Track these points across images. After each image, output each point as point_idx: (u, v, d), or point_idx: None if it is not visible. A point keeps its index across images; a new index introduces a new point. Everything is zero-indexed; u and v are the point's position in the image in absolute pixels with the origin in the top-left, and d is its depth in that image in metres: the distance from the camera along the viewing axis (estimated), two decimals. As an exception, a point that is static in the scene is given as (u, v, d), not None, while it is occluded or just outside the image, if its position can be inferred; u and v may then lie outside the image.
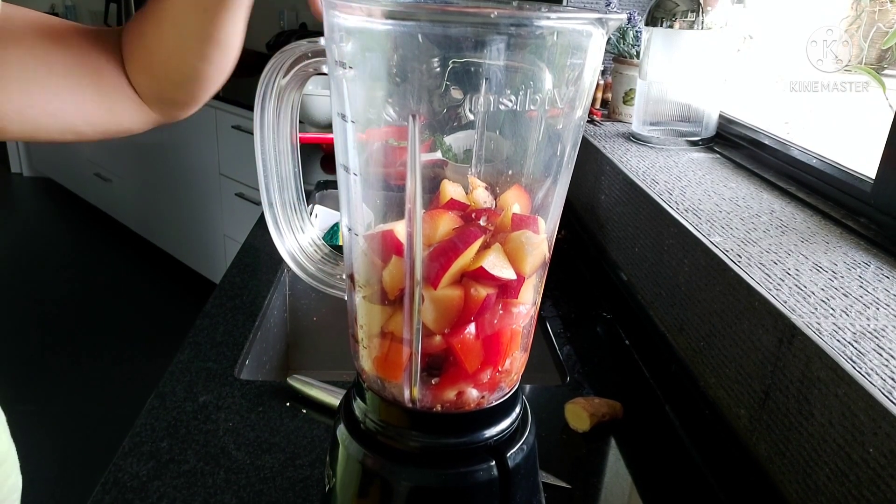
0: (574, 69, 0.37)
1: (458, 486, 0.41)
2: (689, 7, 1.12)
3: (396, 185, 0.39)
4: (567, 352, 0.91)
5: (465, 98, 0.37)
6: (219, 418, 0.73)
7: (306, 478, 0.65)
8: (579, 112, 0.39)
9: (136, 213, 3.38)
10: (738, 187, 0.95)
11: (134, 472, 0.65)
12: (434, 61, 0.37)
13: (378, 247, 0.41)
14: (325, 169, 1.66)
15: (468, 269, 0.38)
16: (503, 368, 0.42)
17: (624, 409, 0.77)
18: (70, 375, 2.35)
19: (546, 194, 0.42)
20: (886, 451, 0.46)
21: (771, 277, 0.65)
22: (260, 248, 1.18)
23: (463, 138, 0.42)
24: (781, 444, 0.58)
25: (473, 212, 0.41)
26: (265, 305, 0.99)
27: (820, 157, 0.92)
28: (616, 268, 1.04)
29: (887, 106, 0.89)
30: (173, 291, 3.01)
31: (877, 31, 1.01)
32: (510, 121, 0.39)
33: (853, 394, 0.49)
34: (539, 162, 0.41)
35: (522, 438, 0.44)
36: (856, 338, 0.55)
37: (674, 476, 0.70)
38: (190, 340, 0.88)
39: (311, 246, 0.47)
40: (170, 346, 1.01)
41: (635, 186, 0.96)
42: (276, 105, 0.42)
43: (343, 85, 0.38)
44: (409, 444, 0.42)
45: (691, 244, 0.77)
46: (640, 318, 0.92)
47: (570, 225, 1.28)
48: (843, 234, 0.77)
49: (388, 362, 0.41)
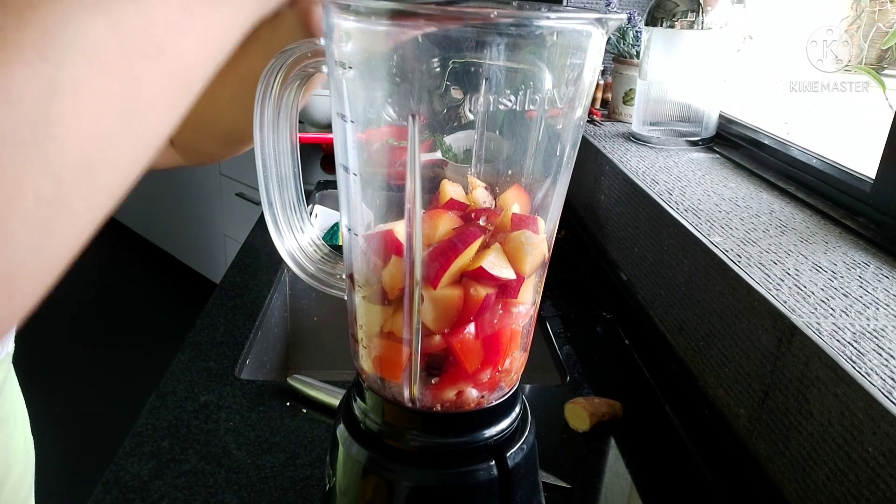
0: (574, 69, 0.37)
1: (457, 486, 0.42)
2: (689, 7, 1.12)
3: (396, 185, 0.39)
4: (567, 352, 0.91)
5: (465, 98, 0.37)
6: (219, 418, 0.73)
7: (307, 477, 0.65)
8: (579, 112, 0.39)
9: (137, 212, 3.38)
10: (737, 187, 0.95)
11: (135, 471, 0.65)
12: (434, 61, 0.37)
13: (378, 247, 0.41)
14: (325, 169, 1.66)
15: (468, 268, 0.38)
16: (503, 368, 0.42)
17: (624, 408, 0.77)
18: (70, 375, 2.35)
19: (546, 194, 0.42)
20: (885, 451, 0.46)
21: (770, 277, 0.65)
22: (260, 248, 1.18)
23: (463, 138, 0.42)
24: (781, 444, 0.58)
25: (473, 212, 0.41)
26: (265, 305, 0.99)
27: (820, 157, 0.92)
28: (616, 268, 1.04)
29: (887, 106, 0.89)
30: (173, 291, 3.01)
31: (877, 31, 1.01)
32: (510, 121, 0.39)
33: (852, 393, 0.49)
34: (539, 162, 0.41)
35: (522, 438, 0.44)
36: (855, 338, 0.55)
37: (674, 476, 0.70)
38: (190, 340, 0.88)
39: (311, 246, 0.47)
40: (170, 346, 1.01)
41: (635, 186, 0.97)
42: (276, 105, 0.42)
43: (343, 85, 0.38)
44: (409, 443, 0.42)
45: (691, 244, 0.77)
46: (640, 318, 0.92)
47: (570, 225, 1.28)
48: (842, 234, 0.77)
49: (388, 362, 0.41)
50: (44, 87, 0.18)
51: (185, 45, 0.21)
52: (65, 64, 0.18)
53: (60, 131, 0.18)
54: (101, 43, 0.19)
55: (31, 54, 0.18)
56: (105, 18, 0.19)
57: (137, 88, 0.20)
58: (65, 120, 0.18)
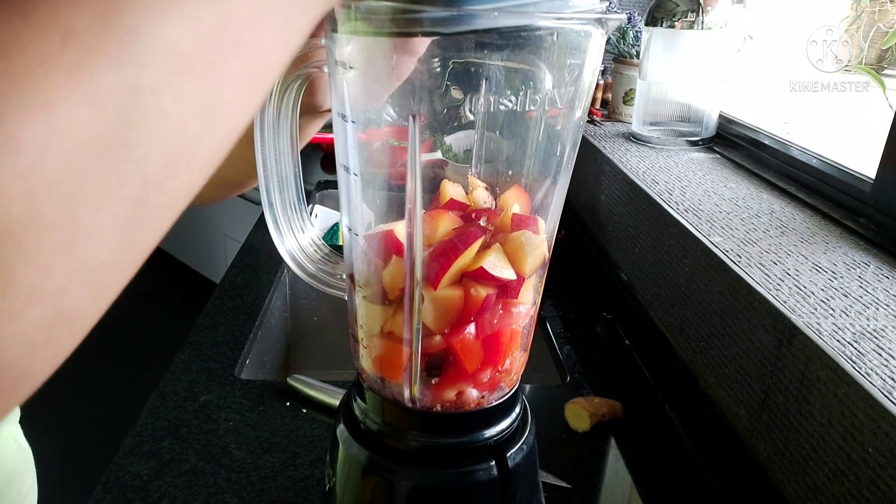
0: (573, 69, 0.37)
1: (457, 486, 0.42)
2: (689, 7, 1.12)
3: (396, 185, 0.39)
4: (567, 352, 0.91)
5: (466, 98, 0.37)
6: (219, 418, 0.73)
7: (307, 477, 0.65)
8: (579, 112, 0.39)
9: (137, 212, 3.37)
10: (738, 187, 0.95)
11: (135, 471, 0.65)
12: (434, 61, 0.37)
13: (378, 247, 0.41)
14: (325, 169, 1.66)
15: (468, 269, 0.38)
16: (503, 368, 0.42)
17: (624, 408, 0.77)
18: (70, 375, 2.35)
19: (546, 194, 0.42)
20: (886, 451, 0.46)
21: (771, 278, 0.65)
22: (260, 248, 1.18)
23: (463, 138, 0.42)
24: (781, 444, 0.58)
25: (473, 212, 0.41)
26: (265, 305, 0.99)
27: (820, 157, 0.92)
28: (616, 268, 1.04)
29: (887, 106, 0.89)
30: (173, 291, 3.01)
31: (877, 31, 1.01)
32: (510, 121, 0.39)
33: (853, 394, 0.49)
34: (539, 162, 0.41)
35: (522, 438, 0.44)
36: (855, 338, 0.55)
37: (674, 476, 0.70)
38: (191, 340, 0.88)
39: (311, 246, 0.47)
40: (170, 346, 1.01)
41: (635, 186, 0.97)
42: (277, 105, 0.42)
43: (343, 85, 0.38)
44: (409, 443, 0.42)
45: (691, 244, 0.77)
46: (640, 318, 0.92)
47: (570, 225, 1.28)
48: (842, 235, 0.77)
49: (388, 362, 0.41)
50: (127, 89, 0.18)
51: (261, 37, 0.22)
52: (146, 66, 0.18)
53: (145, 133, 0.19)
54: (180, 42, 0.19)
55: (115, 57, 0.18)
56: (181, 16, 0.19)
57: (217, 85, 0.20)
58: (148, 121, 0.19)
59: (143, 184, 0.19)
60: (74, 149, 0.17)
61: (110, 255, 0.19)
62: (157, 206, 0.20)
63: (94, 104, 0.18)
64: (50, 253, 0.18)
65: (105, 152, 0.18)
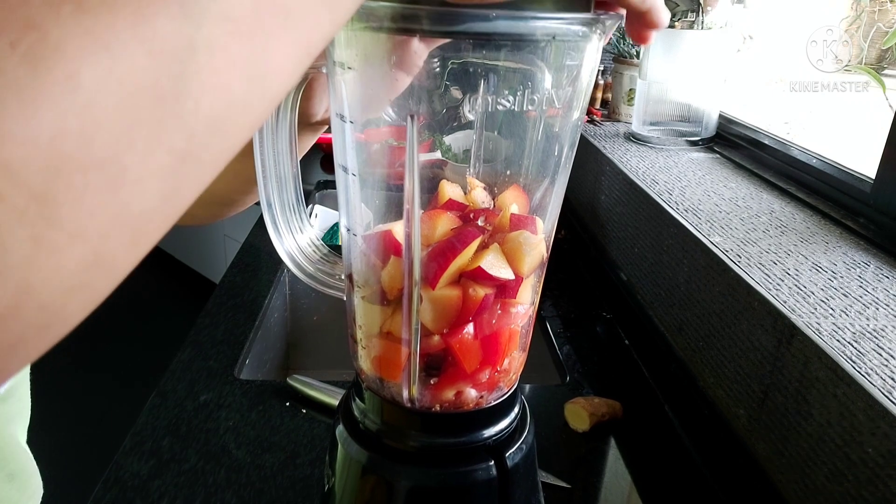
0: (572, 70, 0.37)
1: (456, 486, 0.42)
2: (689, 7, 1.12)
3: (395, 185, 0.39)
4: (567, 352, 0.91)
5: (464, 98, 0.37)
6: (219, 417, 0.73)
7: (306, 477, 0.65)
8: (577, 113, 0.39)
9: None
10: (737, 187, 0.95)
11: (135, 470, 0.65)
12: (433, 61, 0.37)
13: (377, 247, 0.41)
14: (325, 169, 1.66)
15: (466, 269, 0.38)
16: (502, 368, 0.42)
17: (623, 408, 0.77)
18: (71, 374, 2.35)
19: (544, 194, 0.42)
20: (885, 451, 0.46)
21: (770, 277, 0.65)
22: (260, 247, 1.18)
23: (462, 138, 0.42)
24: (780, 444, 0.58)
25: (472, 212, 0.41)
26: (265, 305, 0.99)
27: (820, 157, 0.92)
28: (616, 268, 1.04)
29: (887, 106, 0.89)
30: (173, 291, 3.01)
31: (877, 31, 1.01)
32: (508, 121, 0.39)
33: (852, 394, 0.49)
34: (537, 162, 0.41)
35: (521, 438, 0.44)
36: (855, 338, 0.55)
37: (673, 476, 0.70)
38: (191, 339, 0.88)
39: (310, 246, 0.47)
40: (171, 346, 1.01)
41: (635, 186, 0.97)
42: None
43: (341, 85, 0.38)
44: (408, 443, 0.42)
45: (691, 244, 0.77)
46: (640, 318, 0.92)
47: (570, 225, 1.28)
48: (842, 235, 0.77)
49: (387, 362, 0.41)
50: (184, 44, 0.19)
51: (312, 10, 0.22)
52: (203, 24, 0.19)
53: (195, 88, 0.19)
54: (235, 6, 0.20)
55: (177, 12, 0.19)
56: None
57: (266, 51, 0.21)
58: (200, 78, 0.19)
59: (189, 138, 0.20)
60: (129, 94, 0.18)
61: (151, 204, 0.20)
62: (199, 163, 0.21)
63: (152, 53, 0.18)
64: (96, 193, 0.18)
65: (157, 101, 0.19)
